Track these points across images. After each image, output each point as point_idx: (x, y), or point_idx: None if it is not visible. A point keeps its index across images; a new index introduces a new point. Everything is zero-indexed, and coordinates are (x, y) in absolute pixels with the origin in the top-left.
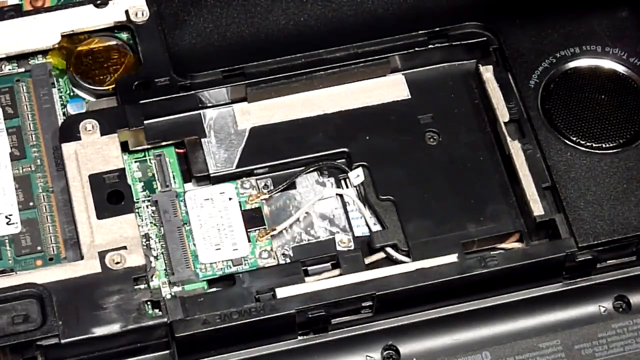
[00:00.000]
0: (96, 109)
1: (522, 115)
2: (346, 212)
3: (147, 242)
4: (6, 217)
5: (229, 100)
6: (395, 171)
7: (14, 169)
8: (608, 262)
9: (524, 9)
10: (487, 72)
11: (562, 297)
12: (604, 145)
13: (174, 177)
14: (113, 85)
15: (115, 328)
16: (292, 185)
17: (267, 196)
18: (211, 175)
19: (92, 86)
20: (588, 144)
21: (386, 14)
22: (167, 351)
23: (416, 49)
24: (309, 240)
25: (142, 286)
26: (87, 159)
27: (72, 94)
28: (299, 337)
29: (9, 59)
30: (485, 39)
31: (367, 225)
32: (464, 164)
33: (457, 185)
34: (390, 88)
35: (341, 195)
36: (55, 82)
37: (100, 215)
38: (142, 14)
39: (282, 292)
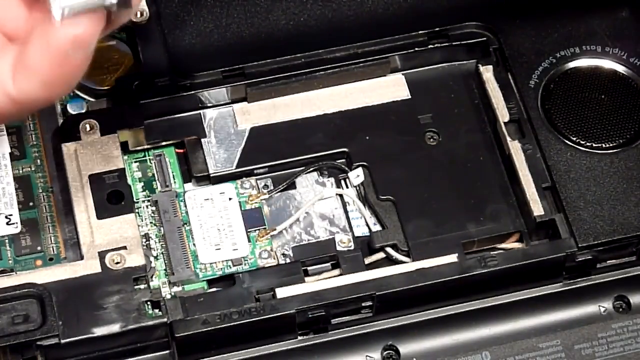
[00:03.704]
0: (96, 109)
1: (522, 115)
2: (346, 212)
3: (147, 242)
4: (6, 217)
5: (229, 100)
6: (395, 171)
7: (14, 169)
8: (608, 262)
9: (524, 9)
10: (487, 72)
11: (562, 297)
12: (604, 145)
13: (174, 177)
14: (113, 85)
15: (115, 328)
16: (292, 185)
17: (267, 196)
18: (211, 175)
19: (92, 86)
20: (588, 144)
21: (386, 14)
22: (167, 351)
23: (416, 49)
24: (309, 240)
25: (142, 286)
26: (87, 159)
27: (72, 94)
28: (299, 337)
29: None
30: (485, 39)
31: (367, 225)
32: (464, 164)
33: (457, 185)
34: (390, 88)
35: (341, 195)
36: None
37: (100, 215)
38: (142, 14)
39: (282, 292)
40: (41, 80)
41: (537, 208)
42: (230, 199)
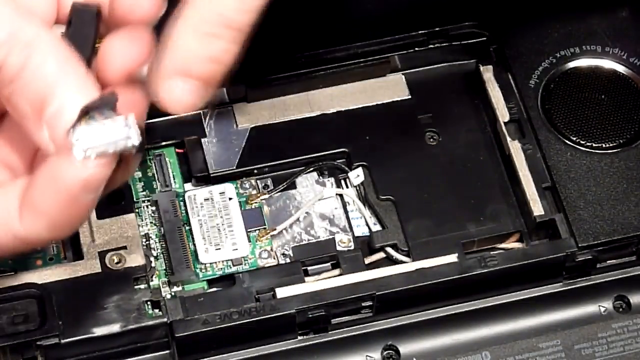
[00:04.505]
0: None
1: (522, 115)
2: (346, 212)
3: (147, 242)
4: None
5: (228, 100)
6: (395, 171)
7: None
8: (608, 262)
9: (524, 9)
10: (487, 72)
11: (562, 297)
12: (604, 145)
13: (174, 177)
14: None
15: (115, 328)
16: (292, 185)
17: (267, 196)
18: (211, 175)
19: None
20: (588, 144)
21: (386, 14)
22: (167, 351)
23: (416, 49)
24: (309, 240)
25: (142, 286)
26: None
27: None
28: (299, 337)
29: None
30: (485, 39)
31: (367, 225)
32: (464, 164)
33: (457, 185)
34: (390, 88)
35: (341, 195)
36: None
37: (100, 215)
38: None
39: (282, 292)
40: (48, 221)
41: (537, 208)
42: (230, 198)
